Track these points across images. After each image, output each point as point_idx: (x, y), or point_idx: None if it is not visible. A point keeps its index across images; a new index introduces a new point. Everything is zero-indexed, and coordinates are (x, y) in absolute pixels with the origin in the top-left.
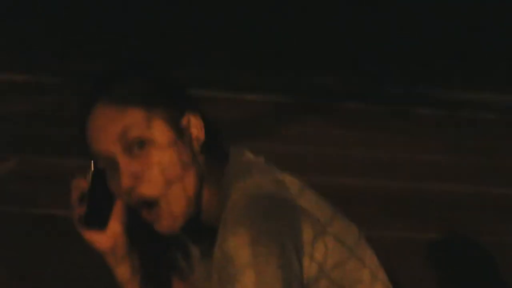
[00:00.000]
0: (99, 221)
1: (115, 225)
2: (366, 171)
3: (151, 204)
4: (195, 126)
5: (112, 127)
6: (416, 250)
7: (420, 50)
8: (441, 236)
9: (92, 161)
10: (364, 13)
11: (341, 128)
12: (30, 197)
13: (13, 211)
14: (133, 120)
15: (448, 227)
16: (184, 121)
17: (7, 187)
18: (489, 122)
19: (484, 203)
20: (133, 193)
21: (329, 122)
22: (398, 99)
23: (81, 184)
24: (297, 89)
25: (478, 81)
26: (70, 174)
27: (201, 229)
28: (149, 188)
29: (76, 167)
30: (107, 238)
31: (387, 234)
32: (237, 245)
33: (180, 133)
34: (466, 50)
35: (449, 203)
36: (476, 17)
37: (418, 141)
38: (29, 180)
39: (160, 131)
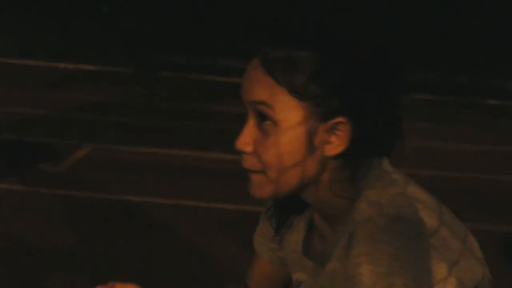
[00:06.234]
0: None
1: None
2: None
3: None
4: (337, 136)
5: (254, 90)
6: (486, 242)
7: (490, 42)
8: None
9: None
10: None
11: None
12: (103, 184)
13: (87, 197)
14: (275, 98)
15: None
16: (329, 124)
17: (81, 174)
18: None
19: None
20: (241, 153)
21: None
22: (468, 91)
23: None
24: None
25: None
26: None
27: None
28: (254, 164)
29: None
30: None
31: None
32: (372, 274)
33: (315, 132)
34: None
35: None
36: None
37: (487, 133)
38: (102, 167)
39: (294, 121)
